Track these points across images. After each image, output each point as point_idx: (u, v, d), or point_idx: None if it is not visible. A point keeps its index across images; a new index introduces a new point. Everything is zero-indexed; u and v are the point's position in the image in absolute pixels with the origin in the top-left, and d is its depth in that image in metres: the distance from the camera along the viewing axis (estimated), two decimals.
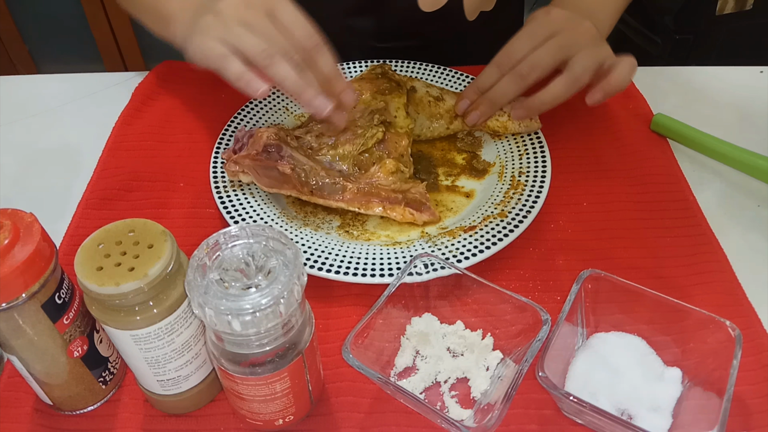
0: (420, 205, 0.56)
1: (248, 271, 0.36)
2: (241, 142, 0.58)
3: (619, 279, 0.46)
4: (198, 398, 0.45)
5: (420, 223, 0.56)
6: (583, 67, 0.58)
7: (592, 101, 0.59)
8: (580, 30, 0.59)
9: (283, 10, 0.52)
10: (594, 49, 0.59)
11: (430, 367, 0.46)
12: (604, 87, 0.58)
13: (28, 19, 1.82)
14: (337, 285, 0.53)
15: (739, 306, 0.51)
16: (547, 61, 0.58)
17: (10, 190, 0.64)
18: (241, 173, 0.57)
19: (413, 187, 0.57)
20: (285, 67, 0.50)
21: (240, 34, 0.50)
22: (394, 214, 0.56)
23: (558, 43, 0.58)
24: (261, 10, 0.51)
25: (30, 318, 0.38)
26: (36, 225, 0.38)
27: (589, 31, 0.59)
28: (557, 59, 0.58)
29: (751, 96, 0.74)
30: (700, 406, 0.42)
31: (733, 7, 1.15)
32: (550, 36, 0.59)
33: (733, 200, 0.61)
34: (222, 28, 0.51)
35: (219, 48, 0.51)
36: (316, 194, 0.56)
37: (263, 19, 0.51)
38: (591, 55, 0.58)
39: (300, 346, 0.39)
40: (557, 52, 0.58)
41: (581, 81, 0.58)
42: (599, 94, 0.59)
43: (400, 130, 0.61)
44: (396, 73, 0.67)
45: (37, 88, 0.77)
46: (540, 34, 0.59)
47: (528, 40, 0.59)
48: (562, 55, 0.58)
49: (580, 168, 0.64)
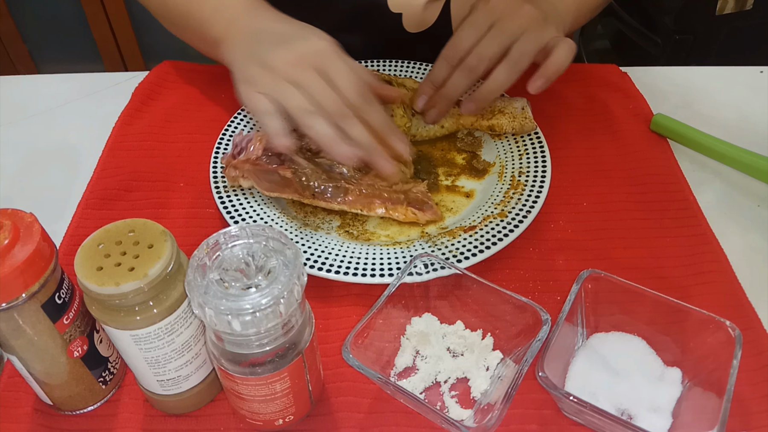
0: (423, 204, 0.56)
1: (248, 271, 0.36)
2: (240, 146, 0.57)
3: (619, 279, 0.46)
4: (198, 398, 0.45)
5: (423, 222, 0.56)
6: (521, 52, 0.58)
7: (533, 89, 0.59)
8: (521, 14, 0.59)
9: (334, 67, 0.53)
10: (536, 32, 0.59)
11: (430, 367, 0.46)
12: (543, 73, 0.58)
13: (28, 19, 1.82)
14: (337, 285, 0.53)
15: (739, 306, 0.51)
16: (494, 50, 0.58)
17: (10, 190, 0.64)
18: (241, 178, 0.57)
19: (415, 187, 0.57)
20: (321, 123, 0.52)
21: (285, 90, 0.52)
22: (396, 215, 0.56)
23: (500, 30, 0.58)
24: (311, 66, 0.53)
25: (30, 318, 0.38)
26: (36, 225, 0.38)
27: (530, 14, 0.59)
28: (503, 46, 0.58)
29: (751, 96, 0.74)
30: (700, 406, 0.42)
31: (733, 7, 1.15)
32: (492, 24, 0.59)
33: (733, 200, 0.61)
34: (270, 82, 0.53)
35: (264, 104, 0.53)
36: (318, 197, 0.56)
37: (313, 76, 0.52)
38: (531, 39, 0.58)
39: (300, 346, 0.39)
40: (501, 39, 0.58)
41: (521, 65, 0.58)
42: (539, 81, 0.58)
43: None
44: (387, 74, 0.67)
45: (37, 88, 0.77)
46: (482, 22, 0.59)
47: (471, 30, 0.59)
48: (506, 41, 0.58)
49: (580, 168, 0.64)
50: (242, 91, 0.55)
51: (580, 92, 0.73)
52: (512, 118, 0.64)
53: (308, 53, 0.54)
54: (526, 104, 0.64)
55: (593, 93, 0.73)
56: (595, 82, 0.75)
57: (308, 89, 0.52)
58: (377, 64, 0.73)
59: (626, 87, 0.74)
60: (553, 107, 0.71)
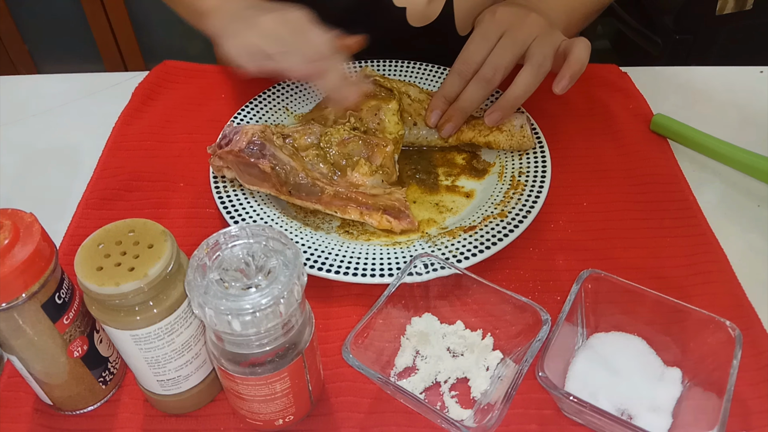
0: (398, 213, 0.55)
1: (248, 271, 0.36)
2: (228, 137, 0.58)
3: (619, 279, 0.46)
4: (198, 398, 0.45)
5: (398, 232, 0.56)
6: (543, 54, 0.58)
7: (560, 89, 0.58)
8: (528, 22, 0.59)
9: (312, 30, 0.58)
10: (547, 37, 0.59)
11: (430, 367, 0.46)
12: (566, 72, 0.58)
13: (28, 19, 1.82)
14: (337, 285, 0.53)
15: (739, 306, 0.51)
16: (508, 59, 0.58)
17: (10, 190, 0.64)
18: (225, 168, 0.58)
19: (394, 193, 0.57)
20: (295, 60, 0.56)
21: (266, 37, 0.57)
22: (371, 221, 0.55)
23: (511, 39, 0.59)
24: (293, 27, 0.58)
25: (30, 318, 0.38)
26: (36, 225, 0.38)
27: (537, 22, 0.59)
28: (516, 54, 0.59)
29: (751, 96, 0.74)
30: (700, 406, 0.42)
31: (733, 7, 1.15)
32: (501, 35, 0.59)
33: (733, 200, 0.61)
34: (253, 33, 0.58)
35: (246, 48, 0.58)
36: (294, 195, 0.56)
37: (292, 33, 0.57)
38: (546, 42, 0.58)
39: (300, 346, 0.39)
40: (514, 48, 0.58)
41: (545, 66, 0.58)
42: (565, 80, 0.58)
43: (389, 136, 0.61)
44: (389, 78, 0.67)
45: (37, 88, 0.77)
46: (491, 34, 0.59)
47: (482, 42, 0.60)
48: (519, 50, 0.58)
49: (580, 168, 0.64)
50: (226, 43, 0.59)
51: (580, 92, 0.73)
52: (510, 136, 0.62)
53: (289, 18, 0.58)
54: (525, 122, 0.63)
55: (593, 93, 0.74)
56: (595, 82, 0.75)
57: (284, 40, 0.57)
58: (380, 64, 0.73)
59: (626, 87, 0.74)
60: (553, 107, 0.71)
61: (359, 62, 0.73)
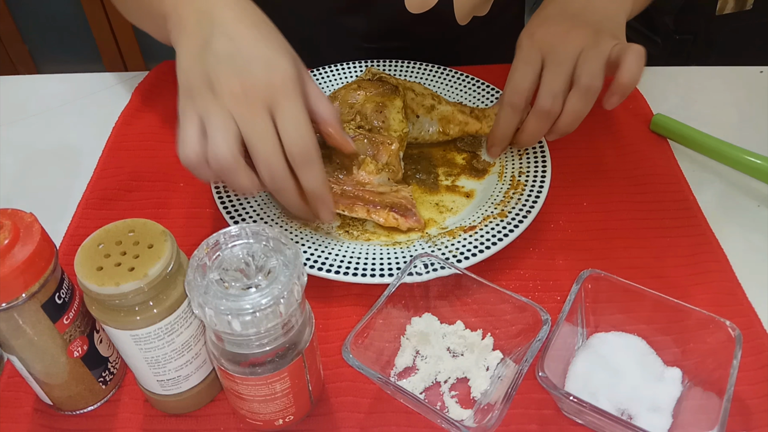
0: (405, 211, 0.55)
1: (248, 271, 0.36)
2: None
3: (619, 279, 0.46)
4: (198, 398, 0.45)
5: (404, 229, 0.55)
6: (590, 73, 0.54)
7: (609, 105, 0.56)
8: (570, 38, 0.56)
9: (286, 111, 0.45)
10: (593, 49, 0.55)
11: (430, 367, 0.46)
12: (616, 89, 0.55)
13: (28, 19, 1.82)
14: (337, 285, 0.53)
15: (739, 306, 0.51)
16: (561, 82, 0.55)
17: (10, 190, 0.64)
18: None
19: (401, 191, 0.57)
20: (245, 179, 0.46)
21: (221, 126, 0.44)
22: (378, 218, 0.55)
23: (556, 60, 0.56)
24: (260, 103, 0.45)
25: (30, 318, 0.38)
26: (36, 225, 0.38)
27: (579, 35, 0.56)
28: (567, 75, 0.55)
29: (751, 96, 0.74)
30: (700, 406, 0.42)
31: (733, 7, 1.15)
32: (543, 57, 0.57)
33: (733, 200, 0.61)
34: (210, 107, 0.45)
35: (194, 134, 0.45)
36: None
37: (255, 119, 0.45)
38: (592, 57, 0.55)
39: (300, 346, 0.39)
40: (562, 68, 0.55)
41: (594, 86, 0.55)
42: (615, 97, 0.55)
43: (393, 134, 0.61)
44: (392, 76, 0.67)
45: (37, 88, 0.77)
46: (534, 58, 0.57)
47: (525, 68, 0.57)
48: (568, 69, 0.55)
49: (580, 168, 0.64)
50: (180, 102, 0.47)
51: None
52: None
53: (260, 85, 0.45)
54: None
55: None
56: None
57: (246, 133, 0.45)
58: (383, 64, 0.73)
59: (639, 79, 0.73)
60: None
61: (360, 60, 0.73)
